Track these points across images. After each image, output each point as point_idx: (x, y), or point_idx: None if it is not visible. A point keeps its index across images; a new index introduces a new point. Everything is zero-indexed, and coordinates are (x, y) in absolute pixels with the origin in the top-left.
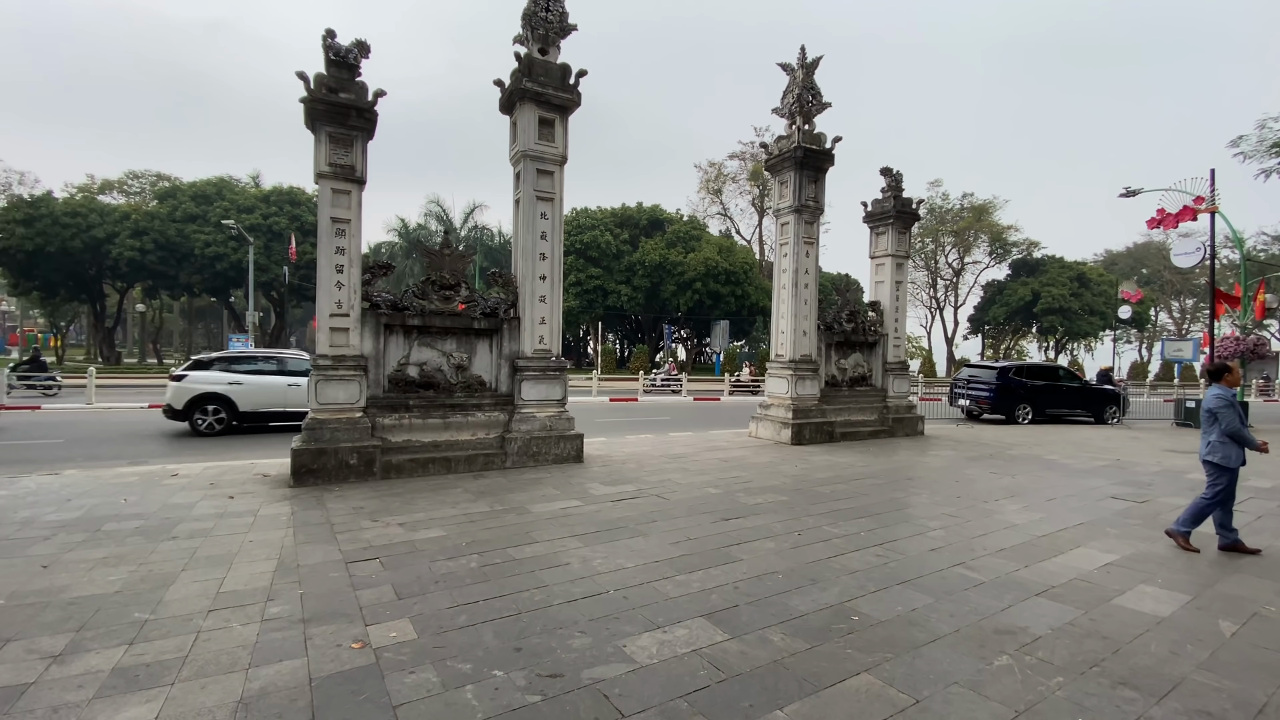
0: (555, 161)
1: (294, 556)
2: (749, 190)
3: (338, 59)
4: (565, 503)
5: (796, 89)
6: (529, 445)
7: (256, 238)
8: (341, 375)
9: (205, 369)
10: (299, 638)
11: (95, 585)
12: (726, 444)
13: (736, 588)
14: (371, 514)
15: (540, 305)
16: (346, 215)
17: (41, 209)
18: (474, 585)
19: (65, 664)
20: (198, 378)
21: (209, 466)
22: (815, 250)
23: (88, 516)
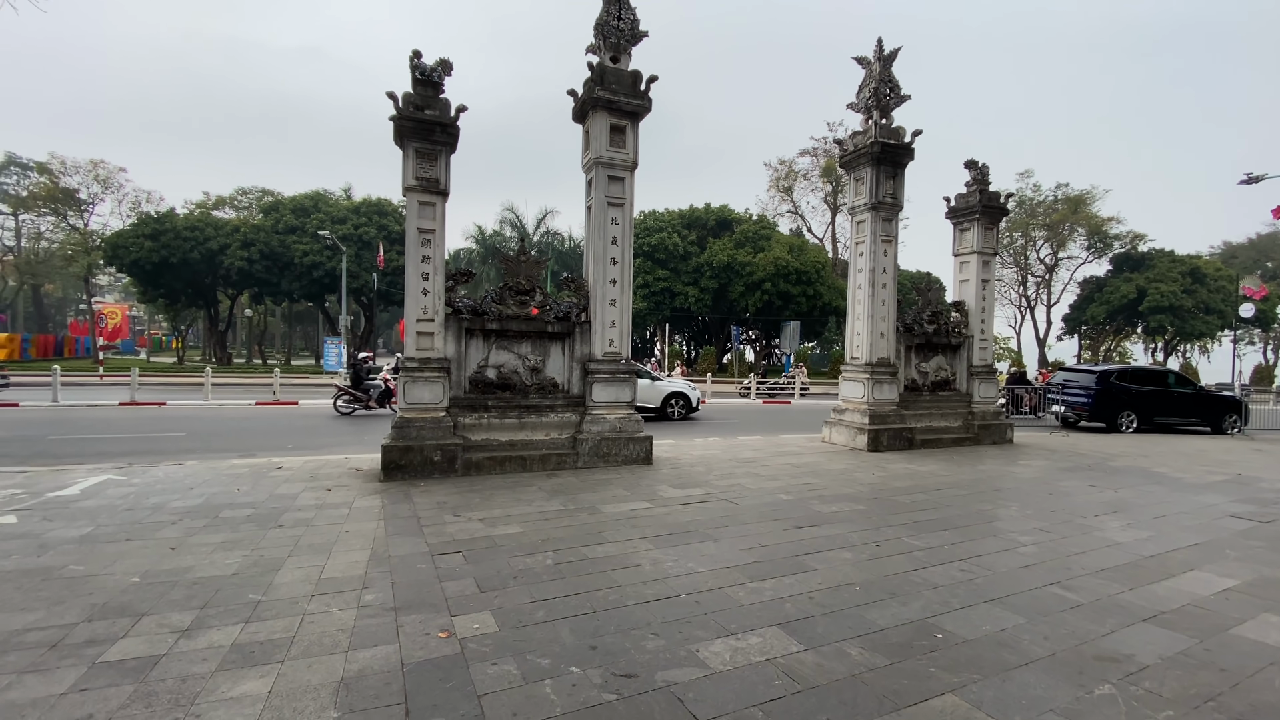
0: (626, 167)
1: (385, 548)
2: (821, 187)
3: (423, 78)
4: (635, 504)
5: (873, 82)
6: (599, 446)
7: (348, 247)
8: (427, 377)
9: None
10: (391, 625)
11: (215, 567)
12: (798, 449)
13: (811, 598)
14: (454, 509)
15: (610, 309)
16: (431, 226)
17: (166, 224)
18: (550, 582)
19: (191, 638)
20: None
21: (309, 460)
22: (893, 248)
23: (207, 504)
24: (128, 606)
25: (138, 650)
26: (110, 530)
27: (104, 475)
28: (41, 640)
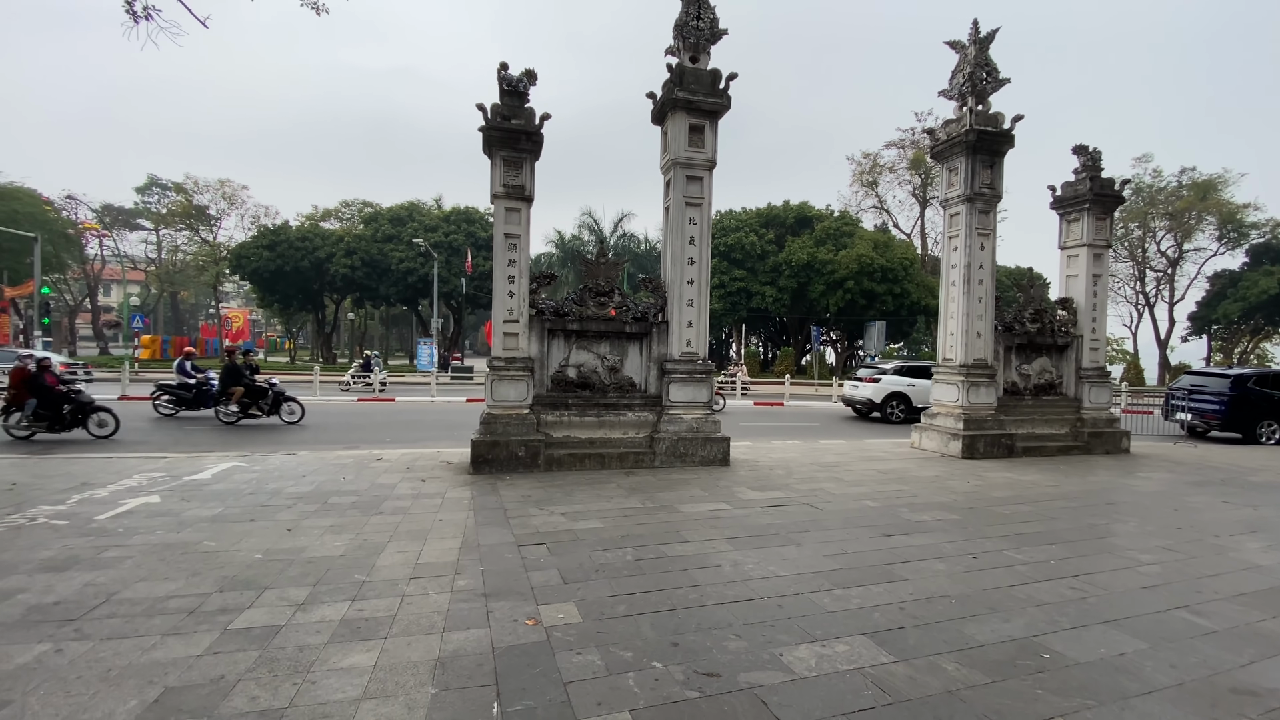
0: (705, 167)
1: (475, 537)
2: (909, 180)
3: (510, 88)
4: (713, 505)
5: (968, 67)
6: (676, 446)
7: (439, 253)
8: (512, 375)
9: (893, 375)
10: (482, 610)
11: (325, 549)
12: (884, 454)
13: (902, 608)
14: (538, 503)
15: (688, 309)
16: (517, 231)
17: (281, 236)
18: (631, 577)
19: (307, 611)
20: (890, 381)
21: (405, 453)
22: (991, 242)
23: (317, 491)
24: (252, 580)
25: (261, 620)
26: (237, 511)
27: (231, 462)
28: (181, 607)
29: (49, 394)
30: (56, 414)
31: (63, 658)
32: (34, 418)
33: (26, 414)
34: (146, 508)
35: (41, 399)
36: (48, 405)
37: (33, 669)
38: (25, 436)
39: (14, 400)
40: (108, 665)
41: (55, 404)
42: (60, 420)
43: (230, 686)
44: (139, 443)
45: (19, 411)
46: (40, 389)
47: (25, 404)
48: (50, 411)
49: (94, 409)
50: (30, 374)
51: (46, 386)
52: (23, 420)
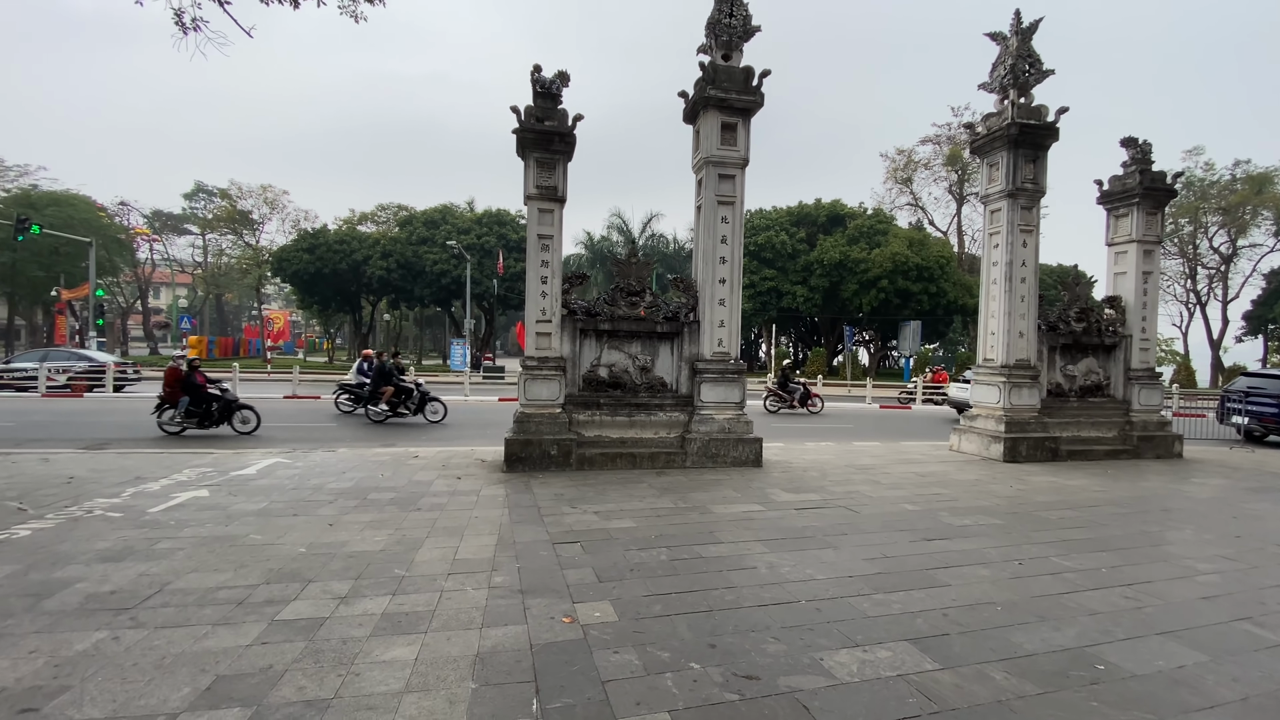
0: (737, 165)
1: (510, 534)
2: (945, 177)
3: (543, 90)
4: (746, 506)
5: (1009, 59)
6: (708, 446)
7: (471, 255)
8: (545, 375)
9: None
10: (519, 607)
11: (366, 544)
12: (922, 457)
13: (945, 614)
14: (570, 501)
15: (719, 308)
16: (550, 232)
17: (320, 239)
18: (666, 577)
19: (349, 604)
20: None
21: (440, 450)
22: (1034, 239)
23: (357, 487)
24: (297, 573)
25: (306, 612)
26: (280, 506)
27: (275, 459)
28: (230, 598)
29: (199, 392)
30: (206, 411)
31: (119, 645)
32: (185, 414)
33: (180, 411)
34: (196, 501)
35: (193, 397)
36: (197, 403)
37: (91, 655)
38: (177, 432)
39: (168, 398)
40: (161, 653)
41: (204, 402)
42: (209, 417)
43: (278, 676)
44: (275, 439)
45: (172, 408)
46: (191, 387)
47: (179, 401)
48: (200, 409)
49: (238, 406)
50: (183, 374)
51: (197, 385)
52: (176, 416)
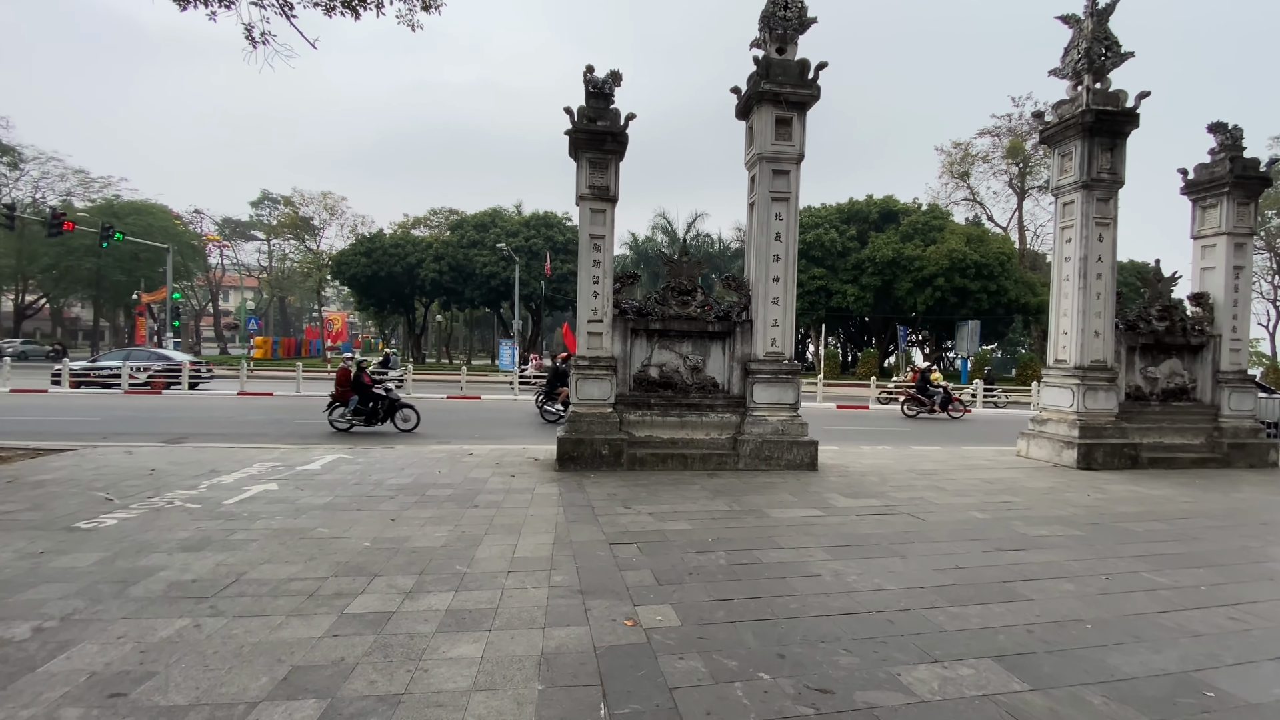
0: (791, 160)
1: (567, 533)
2: (1005, 170)
3: (595, 90)
4: (805, 511)
5: (1083, 42)
6: (761, 448)
7: (519, 257)
8: (596, 374)
9: None
10: (580, 608)
11: (427, 539)
12: (987, 463)
13: (1030, 631)
14: (624, 501)
15: (773, 307)
16: (602, 232)
17: (376, 243)
18: (726, 583)
19: (415, 600)
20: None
21: (494, 449)
22: (1111, 232)
23: (416, 483)
24: (363, 567)
25: (374, 606)
26: (345, 500)
27: (337, 454)
28: (301, 589)
29: (366, 392)
30: (372, 410)
31: (200, 633)
32: (354, 412)
33: (349, 409)
34: (266, 495)
35: (361, 396)
36: (364, 401)
37: (174, 642)
38: (345, 429)
39: (339, 397)
40: (240, 642)
41: (370, 400)
42: (375, 415)
43: (350, 669)
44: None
45: (342, 406)
46: (360, 387)
47: (349, 400)
48: (366, 407)
49: (400, 406)
50: (352, 374)
51: (365, 385)
52: (345, 414)
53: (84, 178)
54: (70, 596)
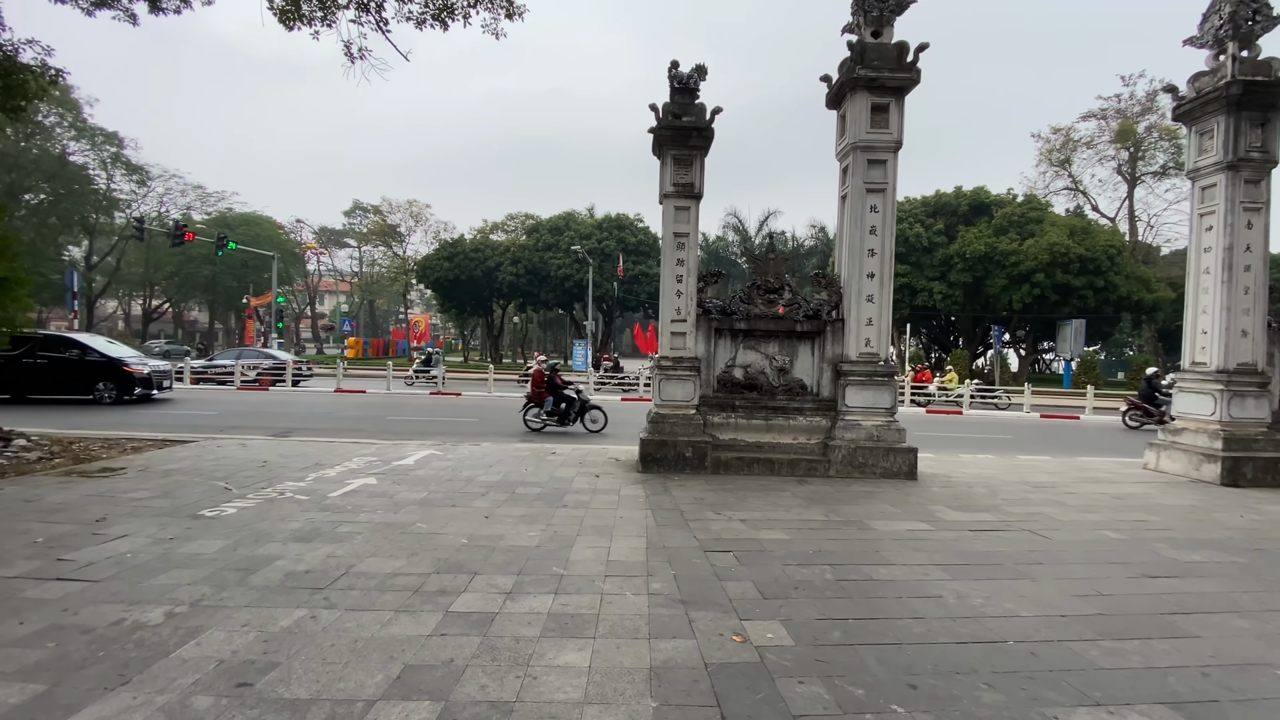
0: (888, 149)
1: (658, 537)
2: (1112, 156)
3: (680, 86)
4: (909, 524)
5: (1227, 6)
6: (854, 455)
7: (592, 259)
8: (679, 375)
9: None
10: (683, 618)
11: (521, 538)
12: (1111, 475)
13: (1205, 674)
14: (712, 506)
15: (867, 305)
16: (686, 229)
17: (457, 248)
18: (837, 600)
19: (515, 601)
20: None
21: (575, 448)
22: (1263, 218)
23: (504, 480)
24: (463, 564)
25: (477, 605)
26: (440, 497)
27: (428, 450)
28: (406, 585)
29: (560, 393)
30: (565, 411)
31: (317, 624)
32: (549, 413)
33: (544, 410)
34: (367, 488)
35: (555, 397)
36: (558, 402)
37: (293, 633)
38: (539, 428)
39: (534, 398)
40: (354, 636)
41: (563, 402)
42: (567, 416)
43: (460, 671)
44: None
45: (537, 407)
46: (554, 389)
47: (544, 401)
48: (559, 408)
49: (590, 407)
50: (547, 376)
51: (559, 387)
52: (540, 414)
53: (201, 192)
54: (198, 583)
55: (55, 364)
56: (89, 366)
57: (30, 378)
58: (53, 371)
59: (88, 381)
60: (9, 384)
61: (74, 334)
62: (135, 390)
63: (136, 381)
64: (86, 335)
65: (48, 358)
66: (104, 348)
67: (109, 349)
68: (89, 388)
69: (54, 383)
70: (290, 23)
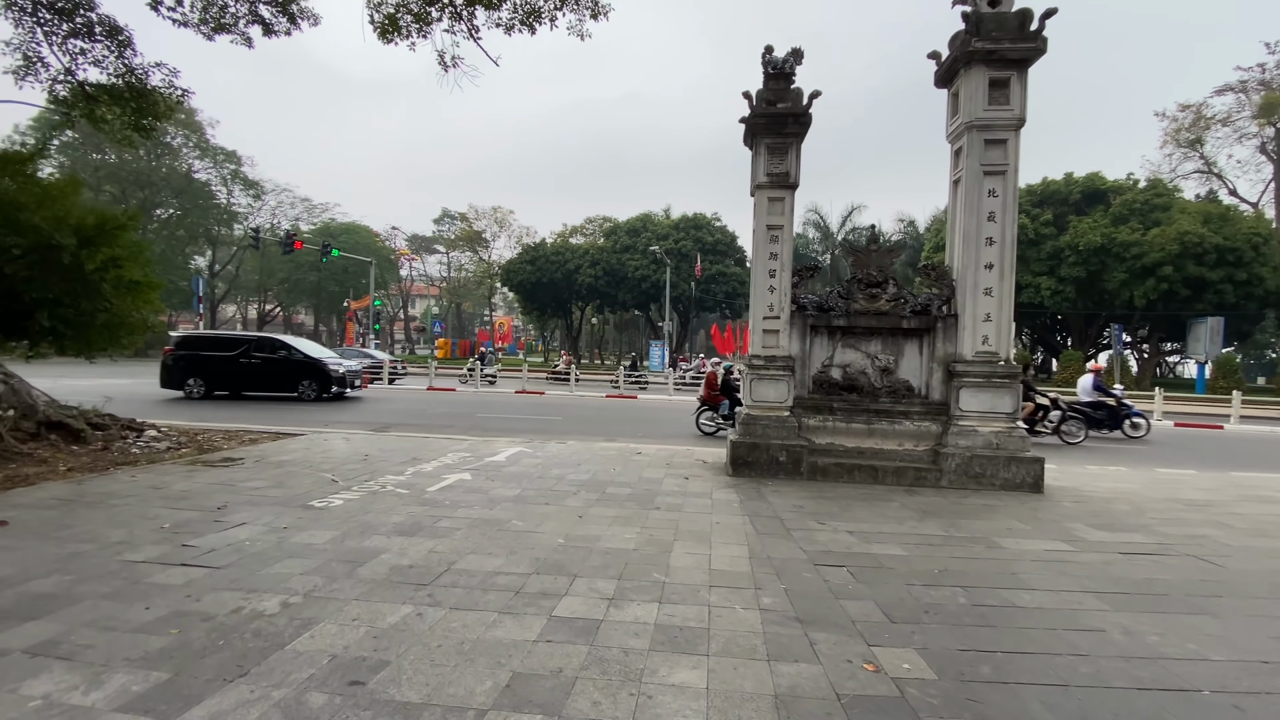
0: (1010, 126)
1: (761, 547)
2: (1255, 132)
3: (775, 71)
4: (1044, 543)
5: None
6: (969, 464)
7: (670, 260)
8: (772, 375)
9: None
10: (803, 640)
11: (617, 540)
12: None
13: None
14: (814, 515)
15: (985, 299)
16: (780, 221)
17: (539, 252)
18: (977, 629)
19: (619, 608)
20: None
21: (660, 449)
22: None
23: (594, 480)
24: (561, 566)
25: (580, 611)
26: (532, 494)
27: (518, 448)
28: (507, 585)
29: (734, 395)
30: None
31: (423, 623)
32: (724, 418)
33: (720, 413)
34: (462, 484)
35: (730, 400)
36: (733, 406)
37: (401, 630)
38: (712, 432)
39: (709, 400)
40: (460, 638)
41: (738, 405)
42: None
43: (570, 684)
44: (599, 432)
45: (712, 410)
46: (729, 390)
47: (719, 404)
48: (733, 412)
49: None
50: (721, 377)
51: (734, 388)
52: (715, 418)
53: (308, 204)
54: (310, 573)
55: (267, 364)
56: (295, 366)
57: (246, 376)
58: (265, 370)
59: (293, 380)
60: (229, 381)
61: (283, 336)
62: (332, 389)
63: (333, 380)
64: (292, 337)
65: (261, 358)
66: (307, 349)
67: (311, 350)
68: (294, 386)
69: (265, 381)
70: (389, 37)
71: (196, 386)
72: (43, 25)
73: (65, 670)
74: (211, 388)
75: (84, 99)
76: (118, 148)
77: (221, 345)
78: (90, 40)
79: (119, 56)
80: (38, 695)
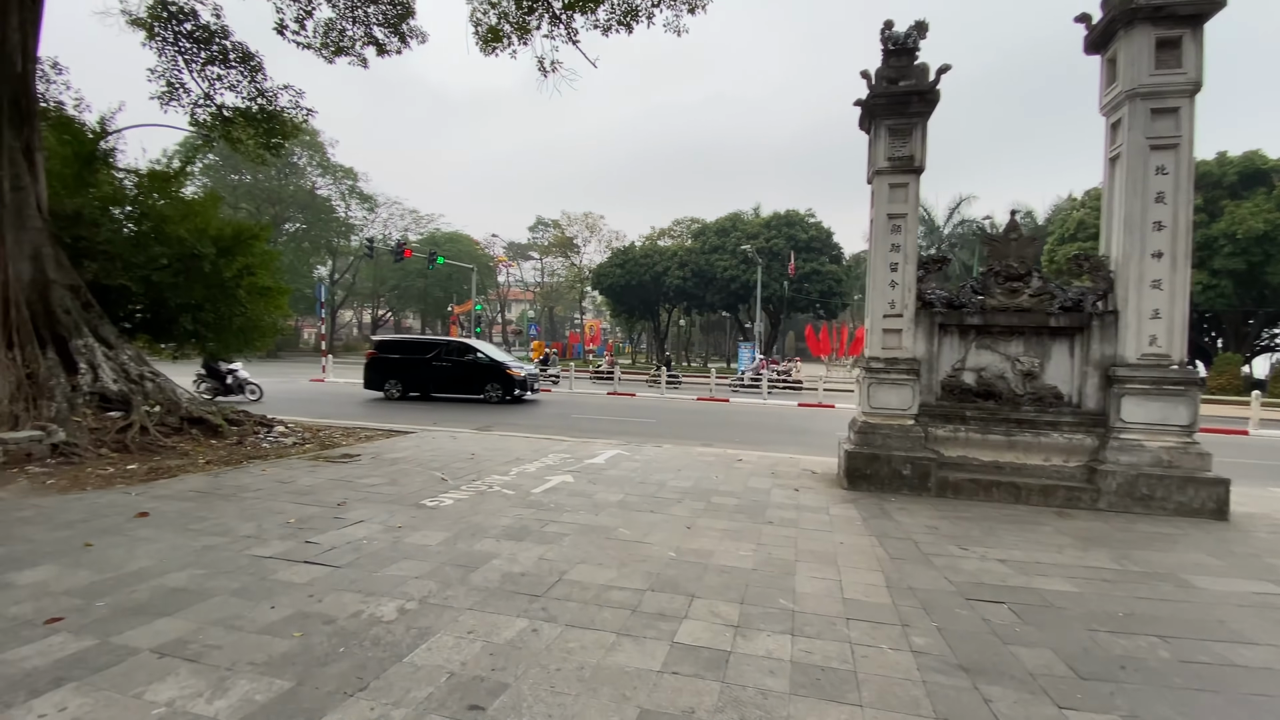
0: (1182, 93)
1: (898, 574)
2: None
3: (896, 48)
4: (1247, 583)
5: None
6: (1134, 484)
7: (760, 259)
8: (894, 379)
9: None
10: (973, 695)
11: (731, 558)
12: None
13: None
14: (953, 539)
15: (1152, 293)
16: (903, 209)
17: (628, 255)
18: (1196, 693)
19: (746, 638)
20: None
21: (762, 456)
22: None
23: (696, 488)
24: (676, 583)
25: (704, 639)
26: (635, 500)
27: (615, 450)
28: (622, 601)
29: None
30: None
31: (539, 640)
32: None
33: None
34: (565, 486)
35: None
36: None
37: (518, 648)
38: None
39: None
40: (579, 661)
41: None
42: None
43: None
44: (695, 436)
45: None
46: None
47: None
48: None
49: None
50: None
51: None
52: None
53: (416, 215)
54: (424, 577)
55: (457, 366)
56: (482, 369)
57: (438, 378)
58: (455, 373)
59: (480, 383)
60: (422, 382)
61: (471, 340)
62: (515, 391)
63: (516, 383)
64: (479, 341)
65: (451, 361)
66: (493, 353)
67: (496, 354)
68: (480, 388)
69: (454, 383)
70: (492, 47)
71: (394, 388)
72: (183, 54)
73: (191, 674)
74: (407, 389)
75: (221, 121)
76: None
77: (416, 349)
78: (225, 66)
79: (251, 80)
80: (162, 702)
